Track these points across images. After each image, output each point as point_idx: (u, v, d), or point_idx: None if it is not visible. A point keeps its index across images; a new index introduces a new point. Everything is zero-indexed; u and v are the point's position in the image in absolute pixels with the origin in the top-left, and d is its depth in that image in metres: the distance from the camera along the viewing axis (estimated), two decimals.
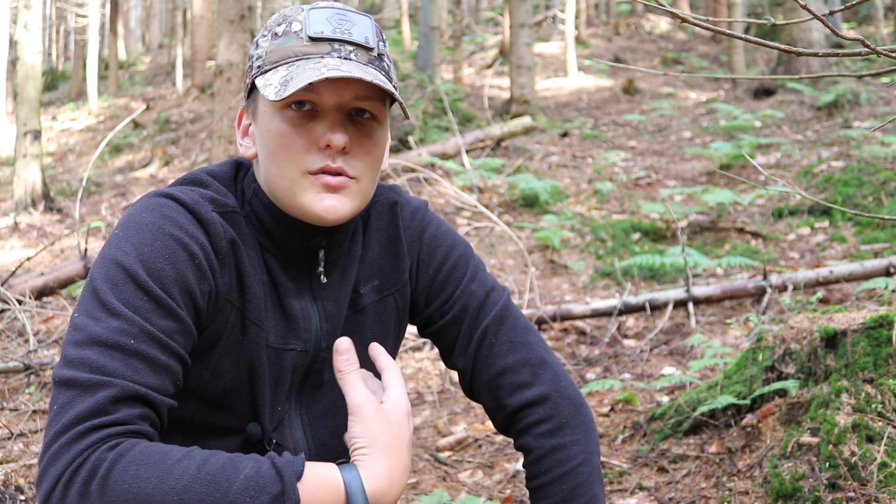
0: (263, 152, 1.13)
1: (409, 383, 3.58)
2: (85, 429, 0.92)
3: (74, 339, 0.98)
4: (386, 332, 1.27)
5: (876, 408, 1.99)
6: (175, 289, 1.02)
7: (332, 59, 1.07)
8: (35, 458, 2.76)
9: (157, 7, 33.27)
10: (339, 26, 1.09)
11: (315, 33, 1.08)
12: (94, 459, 0.90)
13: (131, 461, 0.91)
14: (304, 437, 1.20)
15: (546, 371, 1.24)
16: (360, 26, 1.11)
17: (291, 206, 1.11)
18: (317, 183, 1.09)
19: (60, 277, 5.04)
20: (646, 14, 20.26)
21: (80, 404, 0.93)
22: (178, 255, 1.04)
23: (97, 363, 0.95)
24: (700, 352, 3.50)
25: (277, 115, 1.09)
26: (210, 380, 1.11)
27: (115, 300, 0.99)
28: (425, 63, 13.36)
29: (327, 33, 1.08)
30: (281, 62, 1.09)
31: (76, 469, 0.90)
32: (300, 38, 1.09)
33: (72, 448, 0.91)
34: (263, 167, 1.14)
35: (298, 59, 1.08)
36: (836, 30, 1.07)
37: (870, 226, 5.17)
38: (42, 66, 10.34)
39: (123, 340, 0.97)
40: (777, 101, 10.50)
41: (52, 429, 0.93)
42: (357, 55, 1.09)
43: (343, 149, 1.08)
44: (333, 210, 1.09)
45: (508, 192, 7.09)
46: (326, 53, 1.08)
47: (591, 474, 1.20)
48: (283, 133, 1.09)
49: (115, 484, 0.89)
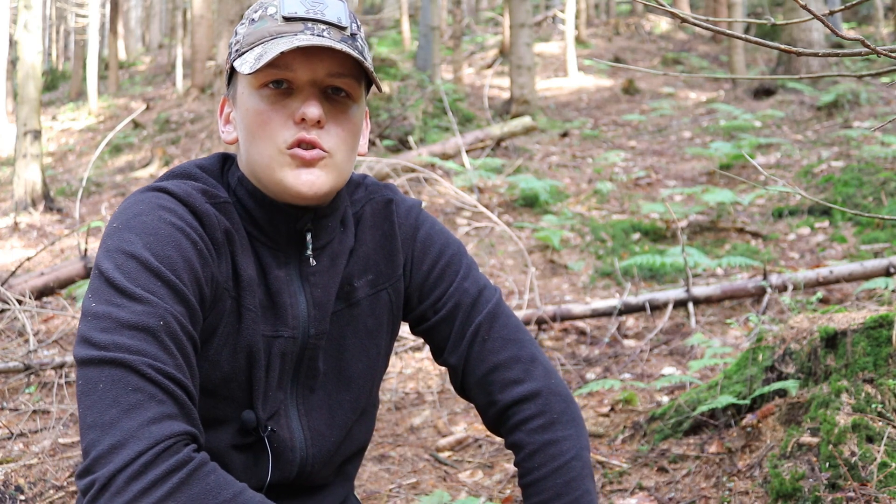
0: (243, 133, 1.16)
1: (408, 383, 3.58)
2: (160, 415, 0.94)
3: (100, 326, 0.98)
4: (379, 326, 1.28)
5: (876, 408, 1.99)
6: (185, 275, 1.04)
7: (305, 35, 1.10)
8: (35, 459, 2.75)
9: (157, 7, 33.26)
10: (313, 7, 1.12)
11: (289, 13, 1.11)
12: (183, 454, 0.94)
13: (212, 470, 0.95)
14: (300, 427, 1.21)
15: (537, 368, 1.26)
16: (332, 7, 1.14)
17: (271, 182, 1.13)
18: (292, 157, 1.11)
19: (60, 277, 5.04)
20: (646, 14, 20.26)
21: (139, 387, 0.95)
22: (183, 242, 1.05)
23: (135, 347, 0.96)
24: (700, 352, 3.50)
25: (255, 95, 1.12)
26: (208, 370, 1.12)
27: (134, 286, 1.00)
28: (425, 63, 13.37)
29: (300, 13, 1.12)
30: (256, 43, 1.12)
31: (161, 452, 0.92)
32: (274, 20, 1.12)
33: (152, 429, 0.93)
34: (244, 149, 1.16)
35: (272, 37, 1.11)
36: (836, 30, 1.07)
37: (870, 226, 5.17)
38: (42, 66, 10.34)
39: (153, 323, 0.98)
40: (777, 101, 10.50)
41: (118, 406, 0.93)
42: (330, 33, 1.12)
43: (318, 122, 1.11)
44: (311, 184, 1.12)
45: (508, 192, 7.09)
46: (300, 31, 1.11)
47: (583, 469, 1.21)
48: (260, 111, 1.12)
49: (197, 483, 0.93)
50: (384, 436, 3.02)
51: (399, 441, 2.96)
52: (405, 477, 2.64)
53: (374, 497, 2.50)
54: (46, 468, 2.68)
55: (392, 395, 3.41)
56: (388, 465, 2.75)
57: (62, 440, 2.98)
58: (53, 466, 2.70)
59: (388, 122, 9.43)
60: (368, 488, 2.55)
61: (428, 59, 13.18)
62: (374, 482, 2.60)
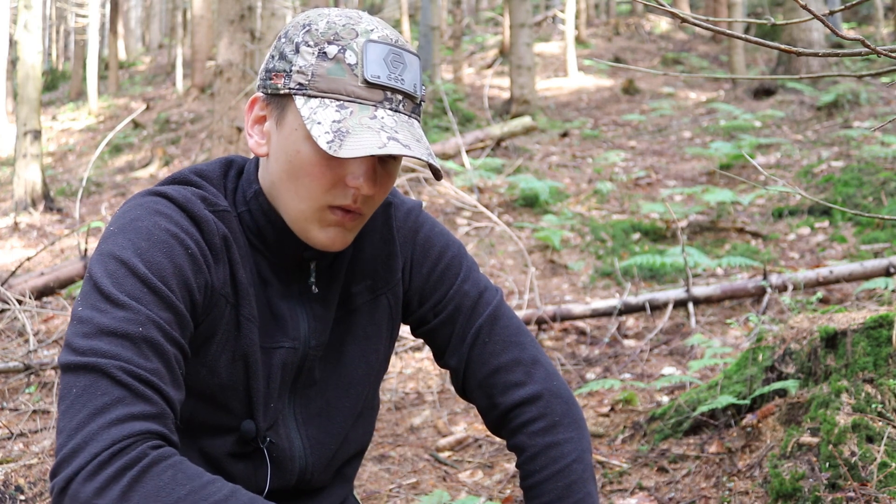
0: (283, 167, 1.09)
1: (408, 383, 3.58)
2: (124, 416, 0.93)
3: (81, 331, 0.98)
4: (379, 332, 1.28)
5: (876, 408, 1.99)
6: (173, 281, 1.03)
7: (384, 111, 1.05)
8: (35, 459, 2.75)
9: (157, 7, 33.27)
10: (394, 71, 1.06)
11: (372, 77, 1.04)
12: (138, 451, 0.92)
13: (171, 465, 0.93)
14: (298, 436, 1.21)
15: (539, 370, 1.26)
16: (411, 70, 1.08)
17: (296, 226, 1.12)
18: (333, 219, 1.09)
19: (60, 277, 5.04)
20: (646, 14, 20.26)
21: (108, 391, 0.94)
22: (175, 249, 1.05)
23: (111, 352, 0.96)
24: (700, 352, 3.50)
25: (311, 142, 1.06)
26: (206, 376, 1.11)
27: (119, 292, 1.00)
28: (425, 63, 13.37)
29: (383, 79, 1.05)
30: (331, 95, 1.05)
31: (116, 452, 0.91)
32: (354, 76, 1.04)
33: (111, 430, 0.92)
34: (277, 179, 1.11)
35: (351, 101, 1.04)
36: (836, 30, 1.07)
37: (870, 226, 5.17)
38: (42, 66, 10.34)
39: (131, 329, 0.98)
40: (777, 101, 10.50)
41: (86, 409, 0.93)
42: (404, 105, 1.08)
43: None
44: (338, 242, 1.12)
45: (508, 192, 7.09)
46: (379, 102, 1.05)
47: (584, 471, 1.21)
48: (313, 163, 1.06)
49: (151, 479, 0.91)
50: (384, 436, 3.02)
51: (399, 441, 2.96)
52: (405, 477, 2.64)
53: (374, 497, 2.50)
54: (46, 468, 2.68)
55: (392, 395, 3.41)
56: (388, 465, 2.75)
57: None
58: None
59: None
60: (368, 488, 2.55)
61: (428, 59, 13.18)
62: (374, 482, 2.60)
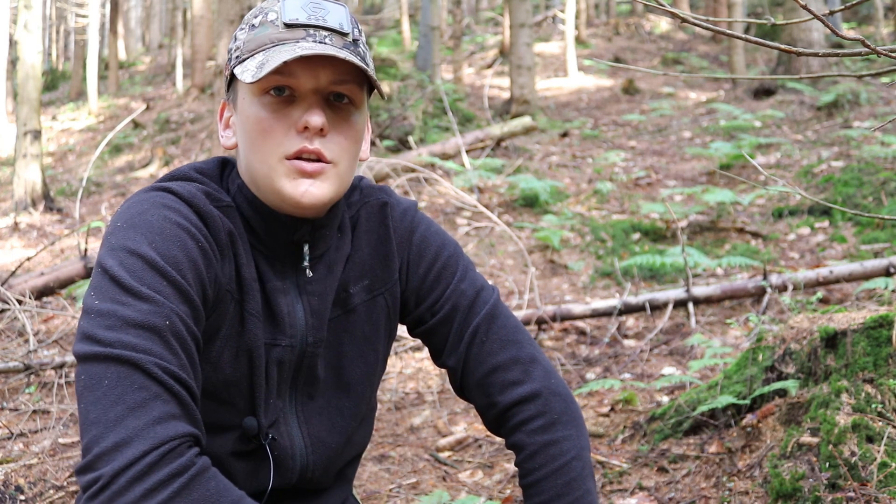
0: (244, 140, 1.14)
1: (408, 383, 3.58)
2: (165, 415, 0.94)
3: (104, 324, 0.97)
4: (376, 332, 1.28)
5: (876, 408, 1.99)
6: (190, 275, 1.04)
7: (307, 43, 1.09)
8: (35, 459, 2.75)
9: (157, 7, 33.26)
10: (314, 13, 1.11)
11: (290, 20, 1.10)
12: (186, 458, 0.93)
13: (213, 476, 0.95)
14: (300, 435, 1.21)
15: (537, 368, 1.26)
16: (334, 13, 1.12)
17: (270, 192, 1.12)
18: (293, 168, 1.10)
19: (60, 277, 5.04)
20: (646, 14, 20.26)
21: (145, 386, 0.94)
22: (187, 242, 1.05)
23: (141, 346, 0.96)
24: (700, 352, 3.50)
25: (256, 102, 1.11)
26: (209, 373, 1.12)
27: (140, 285, 0.99)
28: (425, 63, 13.37)
29: (302, 19, 1.10)
30: (257, 49, 1.11)
31: (165, 454, 0.92)
32: (276, 26, 1.11)
33: (156, 430, 0.93)
34: (244, 156, 1.15)
35: (274, 45, 1.10)
36: (836, 30, 1.07)
37: (870, 226, 5.17)
38: (42, 66, 10.34)
39: (158, 322, 0.98)
40: (777, 101, 10.50)
41: (122, 403, 0.93)
42: (332, 40, 1.11)
43: (320, 130, 1.10)
44: (309, 194, 1.11)
45: (508, 192, 7.09)
46: (301, 38, 1.10)
47: (583, 469, 1.21)
48: (261, 118, 1.10)
49: (197, 489, 0.93)
50: (384, 436, 3.02)
51: (399, 441, 2.96)
52: (405, 477, 2.64)
53: (374, 497, 2.49)
54: (46, 468, 2.68)
55: (392, 395, 3.41)
56: (388, 465, 2.75)
57: (62, 440, 2.98)
58: (53, 466, 2.70)
59: (388, 122, 9.43)
60: (368, 488, 2.55)
61: (428, 59, 13.18)
62: (374, 482, 2.60)
